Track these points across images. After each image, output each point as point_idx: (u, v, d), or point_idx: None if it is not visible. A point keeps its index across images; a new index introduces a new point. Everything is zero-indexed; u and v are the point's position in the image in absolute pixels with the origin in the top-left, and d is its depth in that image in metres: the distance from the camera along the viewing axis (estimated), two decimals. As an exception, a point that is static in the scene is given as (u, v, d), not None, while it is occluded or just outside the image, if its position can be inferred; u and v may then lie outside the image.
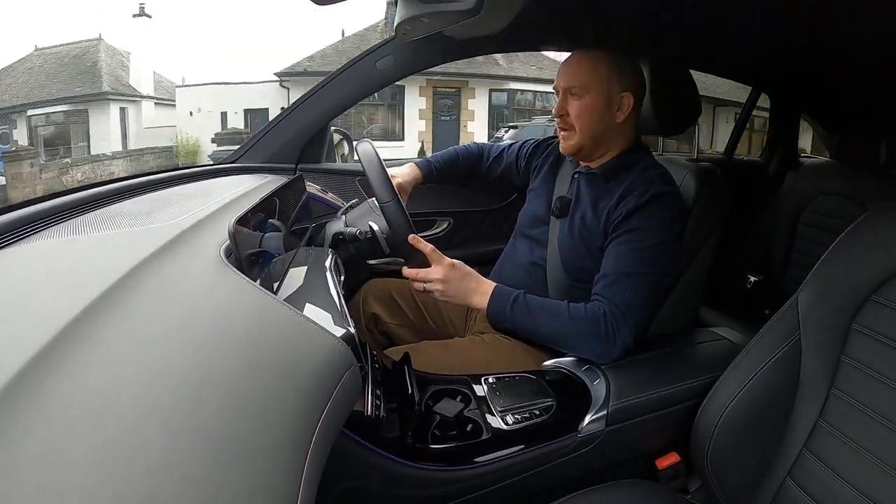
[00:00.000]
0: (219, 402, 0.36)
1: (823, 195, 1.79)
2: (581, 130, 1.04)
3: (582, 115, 1.03)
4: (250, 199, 0.85)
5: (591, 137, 1.05)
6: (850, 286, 0.74)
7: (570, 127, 1.05)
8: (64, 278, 0.48)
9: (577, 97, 1.03)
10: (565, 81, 1.05)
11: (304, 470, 0.38)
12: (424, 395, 0.89)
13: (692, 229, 1.07)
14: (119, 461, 0.28)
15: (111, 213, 0.75)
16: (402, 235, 0.94)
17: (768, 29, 1.26)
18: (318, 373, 0.48)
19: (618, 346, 0.94)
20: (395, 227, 0.94)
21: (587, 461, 0.88)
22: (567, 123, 1.06)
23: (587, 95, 1.03)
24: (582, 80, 1.03)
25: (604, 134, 1.06)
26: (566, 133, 1.07)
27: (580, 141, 1.05)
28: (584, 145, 1.06)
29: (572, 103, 1.04)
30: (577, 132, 1.05)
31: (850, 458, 0.70)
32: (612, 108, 1.04)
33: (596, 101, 1.03)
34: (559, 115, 1.06)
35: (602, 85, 1.02)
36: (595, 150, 1.08)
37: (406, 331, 1.23)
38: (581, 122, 1.04)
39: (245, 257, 0.62)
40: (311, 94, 1.40)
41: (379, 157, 0.94)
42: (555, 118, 1.08)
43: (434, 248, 0.97)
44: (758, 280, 1.94)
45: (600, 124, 1.04)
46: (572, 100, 1.04)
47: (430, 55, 1.37)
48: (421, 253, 0.96)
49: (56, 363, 0.33)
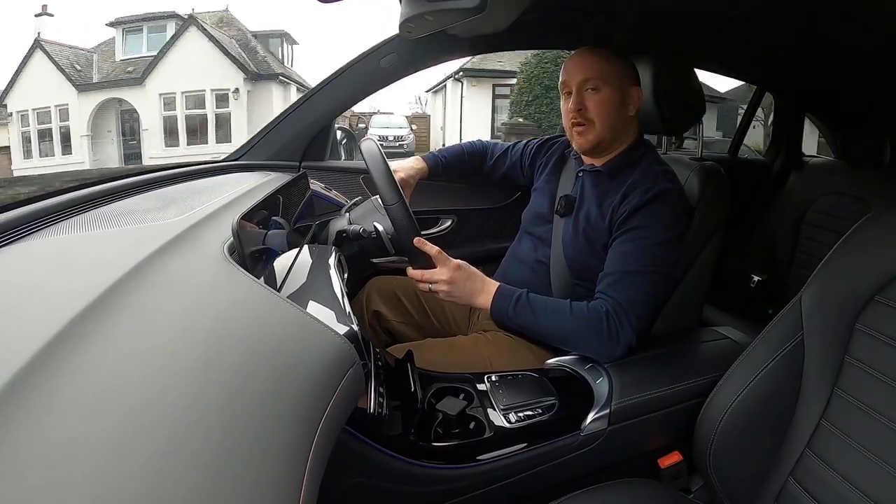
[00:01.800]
0: (222, 398, 0.37)
1: (827, 195, 1.78)
2: (601, 124, 1.05)
3: (601, 108, 1.04)
4: (254, 197, 0.85)
5: (611, 130, 1.06)
6: (853, 286, 0.74)
7: (589, 122, 1.05)
8: (68, 275, 0.48)
9: (596, 91, 1.04)
10: (581, 76, 1.05)
11: (307, 467, 0.38)
12: (427, 393, 0.89)
13: (696, 228, 1.06)
14: (122, 457, 0.28)
15: (115, 211, 0.75)
16: (408, 238, 0.94)
17: (773, 28, 1.26)
18: (321, 370, 0.48)
19: (621, 344, 0.94)
20: (401, 230, 0.94)
21: (590, 460, 0.88)
22: (585, 118, 1.05)
23: (605, 88, 1.03)
24: (598, 73, 1.03)
25: (619, 127, 1.07)
26: (583, 128, 1.06)
27: (599, 134, 1.05)
28: (603, 139, 1.06)
29: (590, 97, 1.04)
30: (595, 126, 1.05)
31: (853, 459, 0.70)
32: (626, 101, 1.05)
33: (614, 94, 1.04)
34: (577, 110, 1.05)
35: (617, 78, 1.04)
36: (611, 144, 1.08)
37: (409, 328, 1.23)
38: (601, 115, 1.04)
39: (248, 254, 0.62)
40: (315, 91, 1.40)
41: (383, 156, 0.94)
42: (569, 116, 1.07)
43: (440, 250, 0.97)
44: (761, 279, 1.93)
45: (617, 117, 1.05)
46: (590, 94, 1.04)
47: (434, 53, 1.37)
48: (426, 255, 0.96)
49: (60, 359, 0.33)
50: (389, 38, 1.34)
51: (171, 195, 0.89)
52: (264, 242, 0.75)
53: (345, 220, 1.03)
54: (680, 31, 1.36)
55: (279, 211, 0.90)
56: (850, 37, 1.24)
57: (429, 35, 1.23)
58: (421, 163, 1.29)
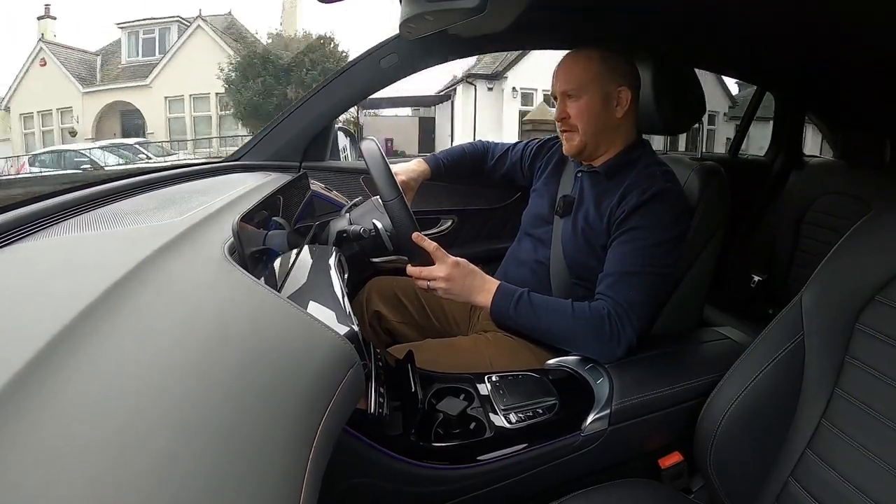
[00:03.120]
0: (222, 398, 0.36)
1: (828, 194, 1.78)
2: (583, 130, 1.05)
3: (582, 115, 1.05)
4: (254, 197, 0.85)
5: (594, 136, 1.06)
6: (854, 286, 0.74)
7: (573, 128, 1.07)
8: (69, 275, 0.48)
9: (575, 98, 1.05)
10: (561, 86, 1.06)
11: (307, 467, 0.38)
12: (427, 394, 0.89)
13: (696, 228, 1.06)
14: (123, 456, 0.28)
15: (116, 211, 0.75)
16: (406, 233, 0.94)
17: (773, 27, 1.26)
18: (321, 370, 0.48)
19: (622, 344, 0.94)
20: (399, 225, 0.94)
21: (590, 460, 0.87)
22: (569, 125, 1.07)
23: (584, 95, 1.04)
24: (576, 81, 1.04)
25: (605, 131, 1.06)
26: (568, 135, 1.08)
27: (583, 140, 1.06)
28: (587, 144, 1.07)
29: (571, 105, 1.06)
30: (579, 133, 1.06)
31: (854, 460, 0.70)
32: (610, 104, 1.05)
33: (593, 100, 1.04)
34: (560, 118, 1.07)
35: (596, 82, 1.03)
36: (598, 149, 1.08)
37: (409, 329, 1.23)
38: (582, 122, 1.05)
39: (249, 255, 0.62)
40: (316, 91, 1.40)
41: (383, 155, 0.94)
42: (557, 122, 1.09)
43: (438, 246, 0.97)
44: (761, 279, 1.93)
45: (601, 122, 1.05)
46: (570, 102, 1.06)
47: (435, 53, 1.37)
48: (424, 251, 0.96)
49: (60, 359, 0.33)
50: (390, 38, 1.34)
51: (171, 195, 0.89)
52: (265, 243, 0.75)
53: (345, 221, 1.03)
54: (680, 31, 1.36)
55: (279, 211, 0.90)
56: (851, 37, 1.24)
57: (429, 35, 1.23)
58: (422, 165, 1.29)
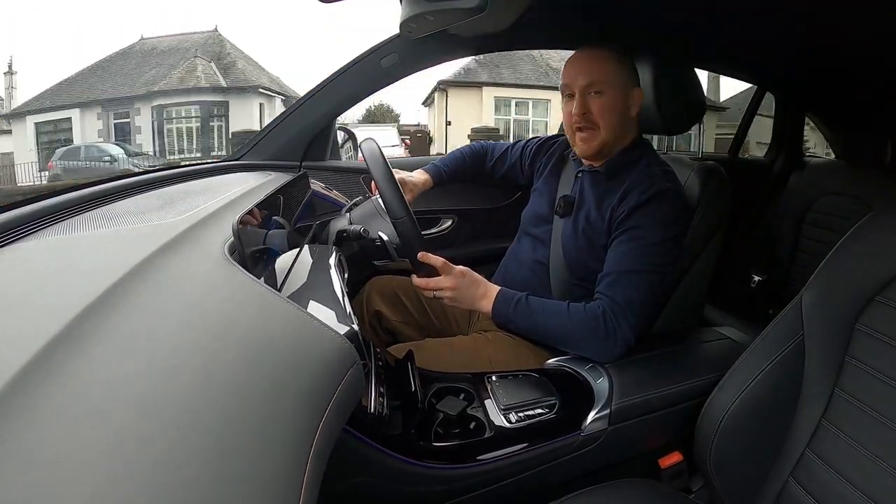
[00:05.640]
0: (222, 398, 0.37)
1: (828, 195, 1.78)
2: (606, 128, 1.03)
3: (606, 111, 1.02)
4: (254, 197, 0.85)
5: (613, 135, 1.04)
6: (854, 286, 0.74)
7: (594, 126, 1.03)
8: (68, 275, 0.48)
9: (600, 94, 1.02)
10: (584, 80, 1.02)
11: (307, 466, 0.38)
12: (428, 393, 0.89)
13: (696, 228, 1.06)
14: (122, 457, 0.28)
15: (116, 211, 0.75)
16: (414, 252, 0.95)
17: (774, 28, 1.26)
18: (321, 370, 0.48)
19: (619, 343, 0.94)
20: (407, 245, 0.94)
21: (590, 460, 0.88)
22: (590, 122, 1.03)
23: (610, 91, 1.01)
24: (602, 76, 1.01)
25: (622, 131, 1.05)
26: (588, 133, 1.04)
27: (605, 138, 1.04)
28: (608, 142, 1.04)
29: (594, 101, 1.02)
30: (601, 130, 1.03)
31: (854, 460, 0.70)
32: (628, 103, 1.04)
33: (618, 97, 1.02)
34: (581, 114, 1.03)
35: (621, 80, 1.02)
36: (613, 148, 1.07)
37: (410, 328, 1.23)
38: (606, 119, 1.02)
39: (249, 254, 0.62)
40: (316, 91, 1.40)
41: (386, 161, 0.93)
42: (573, 121, 1.04)
43: (445, 262, 0.97)
44: (762, 279, 1.93)
45: (622, 120, 1.04)
46: (594, 98, 1.02)
47: (435, 53, 1.37)
48: (432, 266, 0.96)
49: (60, 359, 0.33)
50: (390, 38, 1.34)
51: (171, 195, 0.89)
52: (265, 242, 0.75)
53: (345, 220, 1.03)
54: (680, 31, 1.36)
55: (280, 211, 0.90)
56: (851, 36, 1.24)
57: (430, 34, 1.23)
58: (424, 175, 1.28)
